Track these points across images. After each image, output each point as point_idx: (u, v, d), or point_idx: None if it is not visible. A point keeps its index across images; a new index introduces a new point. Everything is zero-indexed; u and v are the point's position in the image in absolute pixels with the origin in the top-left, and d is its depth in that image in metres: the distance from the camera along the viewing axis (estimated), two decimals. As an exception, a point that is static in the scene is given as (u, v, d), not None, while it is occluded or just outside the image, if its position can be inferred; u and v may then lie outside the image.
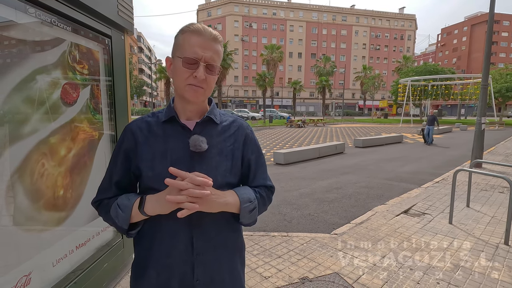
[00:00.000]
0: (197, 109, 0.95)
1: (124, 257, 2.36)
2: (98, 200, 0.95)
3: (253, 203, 0.94)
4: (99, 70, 2.03)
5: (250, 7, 60.45)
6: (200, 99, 0.90)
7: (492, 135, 18.11)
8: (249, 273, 2.66)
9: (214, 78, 0.90)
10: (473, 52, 69.84)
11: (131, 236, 0.93)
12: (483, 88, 7.66)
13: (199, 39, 0.85)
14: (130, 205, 0.87)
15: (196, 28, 0.86)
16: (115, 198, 0.91)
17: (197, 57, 0.85)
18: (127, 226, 0.88)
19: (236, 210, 0.91)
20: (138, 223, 0.91)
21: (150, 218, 0.89)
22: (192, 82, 0.86)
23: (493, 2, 7.36)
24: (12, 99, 1.32)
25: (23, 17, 1.38)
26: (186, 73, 0.86)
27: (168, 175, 0.80)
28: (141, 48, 73.97)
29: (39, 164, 1.47)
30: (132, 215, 0.87)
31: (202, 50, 0.85)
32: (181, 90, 0.88)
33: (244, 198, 0.92)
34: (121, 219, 0.87)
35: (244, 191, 0.94)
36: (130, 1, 2.32)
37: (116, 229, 0.91)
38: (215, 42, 0.88)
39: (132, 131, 0.93)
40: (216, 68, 0.89)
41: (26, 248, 1.42)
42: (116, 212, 0.88)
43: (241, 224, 0.98)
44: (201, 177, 0.81)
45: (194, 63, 0.85)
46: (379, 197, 5.36)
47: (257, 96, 57.90)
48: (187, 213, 0.81)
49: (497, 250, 3.12)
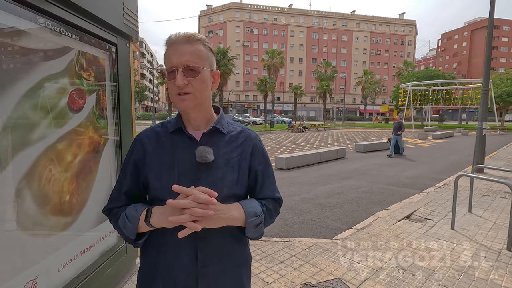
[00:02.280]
0: (200, 118, 0.94)
1: (127, 262, 2.37)
2: (108, 208, 0.96)
3: (259, 217, 0.92)
4: (105, 77, 2.07)
5: (251, 13, 60.99)
6: (191, 105, 0.88)
7: (494, 140, 18.06)
8: (252, 279, 2.65)
9: (200, 79, 0.86)
10: (473, 57, 70.05)
11: (138, 246, 0.93)
12: (483, 93, 7.68)
13: (172, 47, 0.85)
14: (138, 216, 0.87)
15: (171, 40, 0.86)
16: (124, 208, 0.92)
17: (173, 65, 0.84)
18: (134, 237, 0.89)
19: (242, 224, 0.90)
20: (145, 233, 0.91)
21: (156, 229, 0.89)
22: (177, 91, 0.85)
23: (493, 8, 7.42)
24: (22, 106, 1.36)
25: (33, 26, 1.42)
26: (171, 85, 0.85)
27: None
28: (143, 53, 74.55)
29: (47, 169, 1.50)
30: (139, 226, 0.87)
31: (177, 57, 0.84)
32: (174, 102, 0.88)
33: (250, 212, 0.90)
34: (128, 229, 0.88)
35: (250, 205, 0.92)
36: (135, 10, 2.37)
37: (124, 239, 0.92)
38: (190, 43, 0.85)
39: (141, 142, 0.94)
40: (196, 68, 0.85)
41: (32, 253, 1.44)
42: (124, 223, 0.88)
43: (247, 237, 0.97)
44: (205, 192, 0.80)
45: (172, 73, 0.85)
46: (380, 202, 5.36)
47: (258, 101, 58.09)
48: (188, 233, 0.80)
49: (499, 256, 3.11)
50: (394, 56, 69.38)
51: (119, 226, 0.90)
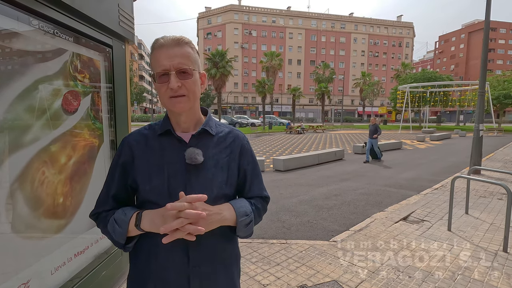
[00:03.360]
0: (190, 120, 0.95)
1: (122, 265, 2.35)
2: (96, 213, 0.95)
3: (250, 216, 0.94)
4: (100, 79, 2.06)
5: (250, 14, 61.16)
6: (187, 107, 0.89)
7: (491, 141, 18.15)
8: (248, 281, 2.65)
9: (193, 81, 0.88)
10: (470, 59, 70.50)
11: (128, 250, 0.93)
12: (480, 95, 7.72)
13: (162, 50, 0.85)
14: (127, 220, 0.87)
15: (158, 43, 0.86)
16: (113, 212, 0.92)
17: (165, 68, 0.84)
18: (124, 241, 0.88)
19: (233, 224, 0.92)
20: (134, 237, 0.91)
21: (146, 232, 0.89)
22: (171, 94, 0.85)
23: (489, 10, 7.48)
24: (15, 108, 1.35)
25: (27, 28, 1.41)
26: (163, 88, 0.86)
27: (164, 189, 0.81)
28: (141, 55, 74.57)
29: (40, 172, 1.49)
30: (129, 230, 0.87)
31: (168, 60, 0.84)
32: (166, 105, 0.88)
33: (241, 212, 0.92)
34: (117, 234, 0.87)
35: (240, 204, 0.94)
36: (131, 11, 2.37)
37: (113, 243, 0.91)
38: (180, 46, 0.86)
39: (129, 145, 0.94)
40: (189, 70, 0.86)
41: (25, 256, 1.43)
42: (113, 227, 0.88)
43: (238, 236, 0.98)
44: (194, 198, 0.80)
45: (164, 75, 0.85)
46: (378, 204, 5.36)
47: (257, 102, 58.12)
48: (172, 239, 0.80)
49: (495, 257, 3.12)
50: (392, 58, 69.69)
51: (107, 231, 0.90)
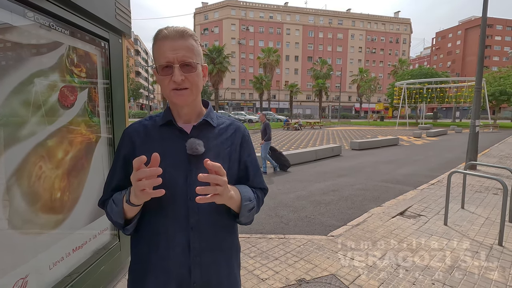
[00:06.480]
0: (192, 112, 0.95)
1: (121, 260, 2.36)
2: (101, 201, 0.98)
3: (252, 202, 0.95)
4: (97, 73, 2.04)
5: (247, 10, 60.75)
6: (189, 100, 0.89)
7: (487, 137, 18.30)
8: (246, 275, 2.66)
9: (196, 74, 0.88)
10: (467, 56, 70.71)
11: (128, 233, 0.92)
12: (477, 91, 7.75)
13: (166, 42, 0.85)
14: (121, 198, 0.88)
15: (162, 34, 0.86)
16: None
17: (169, 61, 0.84)
18: (123, 220, 0.89)
19: (236, 207, 0.92)
20: (133, 218, 0.90)
21: (147, 220, 0.90)
22: (173, 86, 0.85)
23: (486, 7, 7.49)
24: (10, 102, 1.33)
25: (22, 20, 1.39)
26: (166, 80, 0.85)
27: (165, 180, 0.79)
28: (138, 51, 73.90)
29: (37, 166, 1.48)
30: (124, 209, 0.87)
31: (172, 53, 0.84)
32: (168, 97, 0.89)
33: (245, 196, 0.93)
34: (115, 213, 0.88)
35: (244, 189, 0.96)
36: (128, 5, 2.34)
37: (114, 225, 0.92)
38: (184, 39, 0.86)
39: (130, 135, 0.94)
40: (193, 64, 0.86)
41: (23, 251, 1.42)
42: (111, 207, 0.89)
43: (239, 223, 0.99)
44: (214, 166, 0.77)
45: (167, 68, 0.85)
46: (375, 199, 5.40)
47: (254, 99, 58.05)
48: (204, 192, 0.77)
49: (491, 251, 3.16)
50: (389, 55, 69.72)
51: (108, 212, 0.92)
